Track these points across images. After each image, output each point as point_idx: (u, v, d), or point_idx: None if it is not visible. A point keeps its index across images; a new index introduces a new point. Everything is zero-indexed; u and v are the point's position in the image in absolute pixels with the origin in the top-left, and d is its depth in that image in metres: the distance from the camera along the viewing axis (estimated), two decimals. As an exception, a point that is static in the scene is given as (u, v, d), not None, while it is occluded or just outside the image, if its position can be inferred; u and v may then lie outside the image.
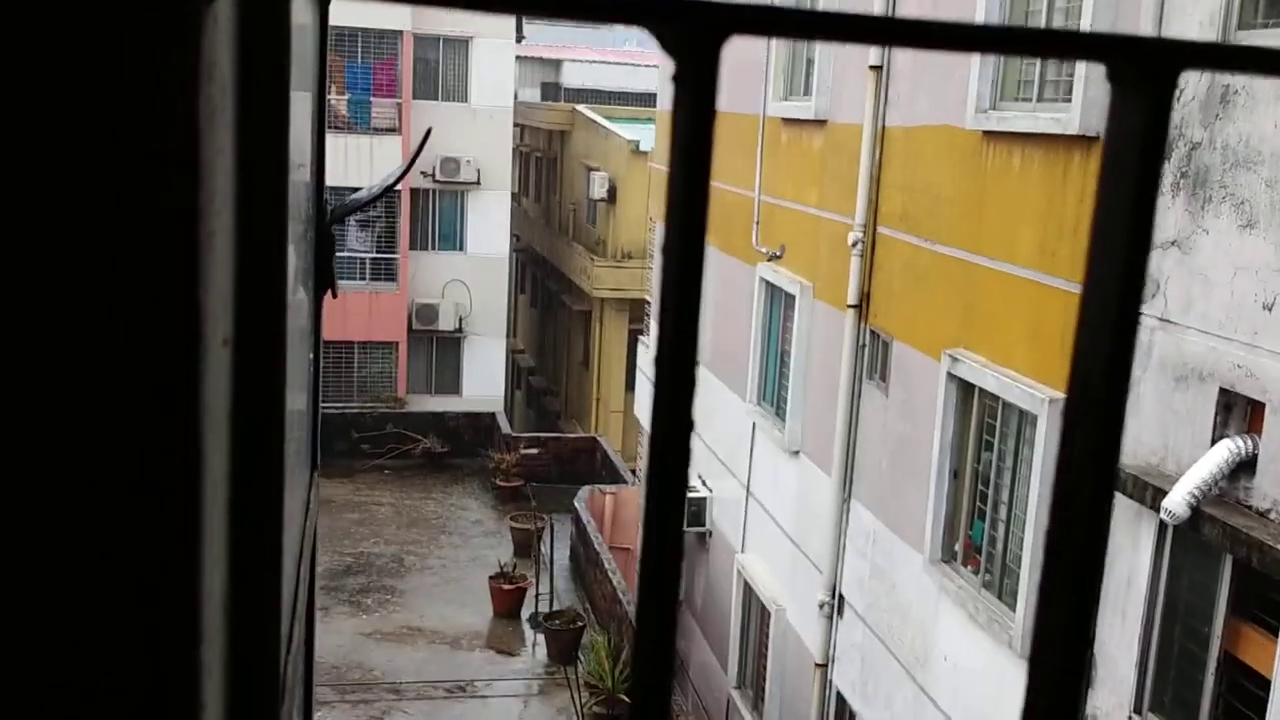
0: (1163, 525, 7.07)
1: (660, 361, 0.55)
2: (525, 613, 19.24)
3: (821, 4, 12.47)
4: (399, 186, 26.85)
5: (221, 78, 0.63)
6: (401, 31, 27.02)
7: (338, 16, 28.60)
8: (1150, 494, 7.04)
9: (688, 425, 0.56)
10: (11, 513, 0.55)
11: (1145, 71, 0.61)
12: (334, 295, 2.05)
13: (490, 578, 19.43)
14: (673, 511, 0.54)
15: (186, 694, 0.62)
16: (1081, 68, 8.01)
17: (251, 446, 0.77)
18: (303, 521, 1.57)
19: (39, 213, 0.53)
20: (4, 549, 0.55)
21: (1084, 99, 7.97)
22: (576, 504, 21.00)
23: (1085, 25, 7.97)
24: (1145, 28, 7.39)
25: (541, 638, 18.35)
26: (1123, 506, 7.52)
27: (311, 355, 1.96)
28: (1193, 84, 7.01)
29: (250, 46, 0.72)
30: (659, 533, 0.52)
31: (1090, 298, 0.68)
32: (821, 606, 12.07)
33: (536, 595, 19.10)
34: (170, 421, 0.57)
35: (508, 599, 19.16)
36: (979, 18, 9.26)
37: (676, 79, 0.57)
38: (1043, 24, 8.80)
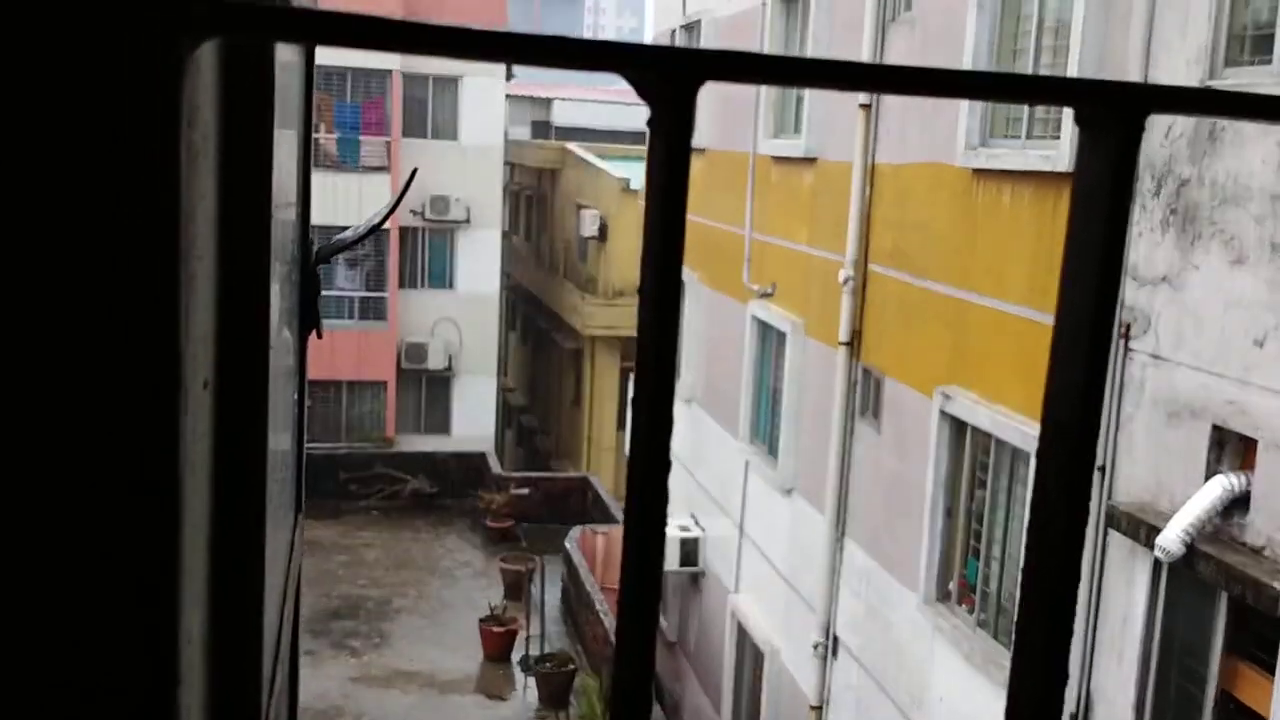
0: (1158, 563, 7.06)
1: (638, 399, 0.56)
2: (516, 656, 19.09)
3: (811, 47, 12.57)
4: (387, 225, 26.91)
5: (204, 123, 0.63)
6: (391, 70, 27.14)
7: (326, 56, 28.76)
8: (1144, 531, 7.03)
9: (665, 464, 0.56)
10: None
11: (1113, 115, 0.62)
12: (319, 336, 2.04)
13: (480, 620, 19.29)
14: (652, 550, 0.54)
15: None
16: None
17: (233, 489, 0.76)
18: (286, 564, 1.56)
19: (18, 253, 0.53)
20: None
21: (1073, 136, 8.02)
22: (567, 544, 20.91)
23: (1073, 62, 8.04)
24: (1133, 65, 7.46)
25: (532, 681, 18.19)
26: (1117, 544, 7.51)
27: (296, 396, 1.96)
28: (1180, 120, 7.07)
29: (234, 92, 0.72)
30: (638, 577, 0.52)
31: (1062, 332, 0.68)
32: (816, 647, 12.00)
33: (527, 638, 18.96)
34: (148, 464, 0.57)
35: (498, 642, 19.02)
36: (967, 56, 9.34)
37: (651, 124, 0.58)
38: (1030, 61, 8.87)
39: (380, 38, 0.51)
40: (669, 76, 0.59)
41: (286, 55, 1.48)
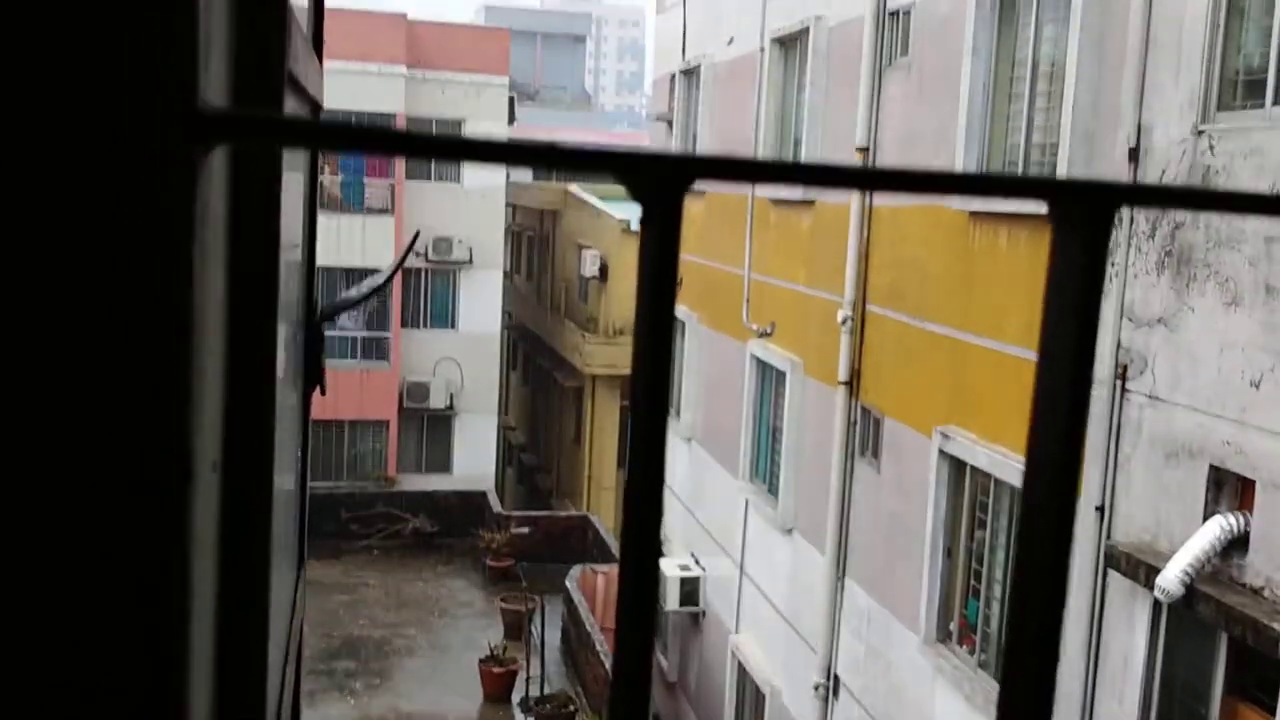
0: (1157, 603, 7.05)
1: (629, 498, 0.58)
2: (516, 696, 18.98)
3: (809, 92, 12.67)
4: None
5: (215, 220, 0.66)
6: (395, 114, 27.34)
7: (331, 99, 28.96)
8: (1144, 572, 7.03)
9: (656, 555, 0.58)
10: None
11: (1083, 210, 0.65)
12: (323, 393, 2.07)
13: (480, 660, 19.21)
14: (647, 593, 0.56)
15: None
16: (1065, 149, 8.13)
17: (238, 568, 0.79)
18: (288, 622, 1.58)
19: (37, 346, 0.56)
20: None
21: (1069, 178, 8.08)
22: (568, 584, 20.84)
23: (1067, 105, 8.11)
24: (1126, 108, 7.52)
25: (533, 721, 18.10)
26: (1116, 584, 7.50)
27: (299, 453, 1.99)
28: (1174, 164, 7.13)
29: (243, 180, 0.75)
30: (633, 616, 0.54)
31: (1039, 416, 0.70)
32: (816, 688, 11.95)
33: (527, 678, 18.86)
34: (158, 547, 0.59)
35: (498, 682, 18.92)
36: (963, 99, 9.42)
37: (643, 221, 0.61)
38: (1025, 105, 8.94)
39: (384, 145, 0.54)
40: (658, 179, 0.62)
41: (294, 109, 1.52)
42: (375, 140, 0.56)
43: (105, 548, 0.56)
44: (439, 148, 0.57)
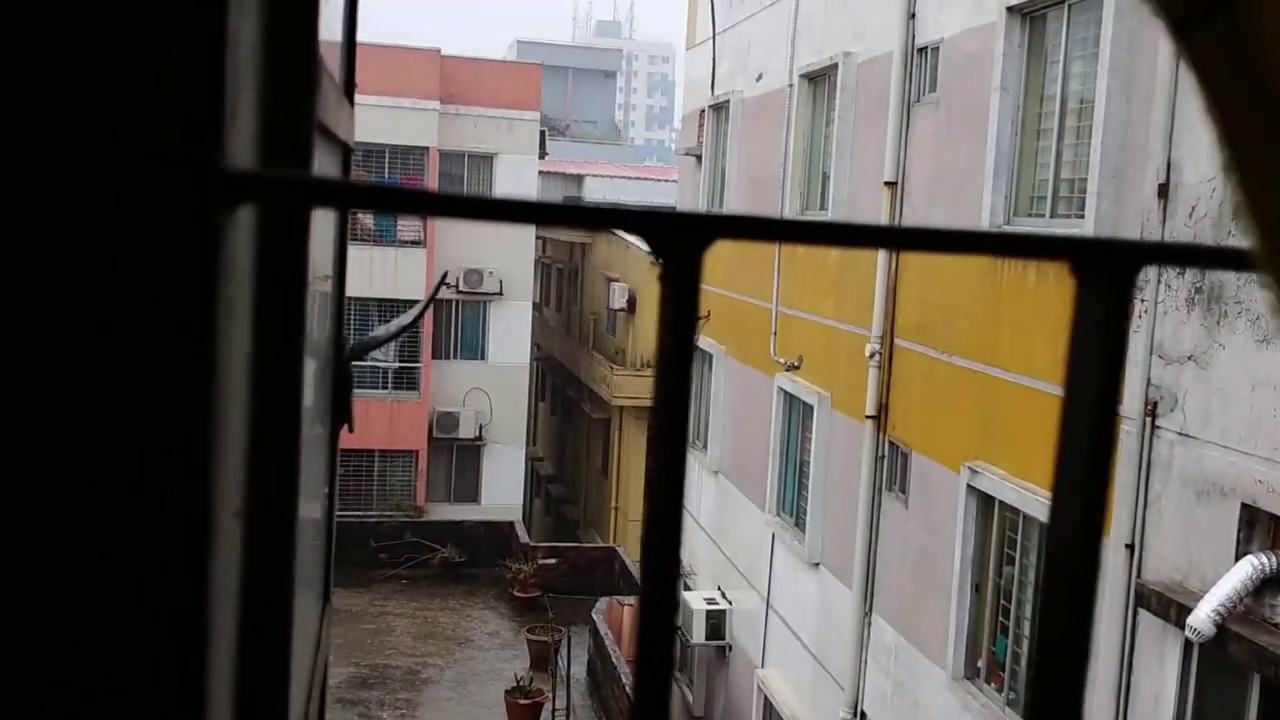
0: (1188, 643, 6.97)
1: (645, 550, 0.58)
2: (542, 728, 18.93)
3: (837, 127, 12.69)
4: (422, 297, 27.14)
5: (240, 275, 0.67)
6: (428, 148, 27.56)
7: (365, 133, 29.05)
8: (1175, 611, 6.95)
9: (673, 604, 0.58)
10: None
11: (1105, 269, 0.65)
12: (350, 430, 2.09)
13: (506, 692, 19.16)
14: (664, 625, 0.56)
15: None
16: (1094, 185, 8.11)
17: (259, 613, 0.80)
18: (312, 658, 1.59)
19: (60, 402, 0.57)
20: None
21: (1097, 213, 8.06)
22: (594, 615, 20.78)
23: (1095, 142, 8.09)
24: (1155, 145, 7.50)
25: (559, 754, 18.03)
26: (1147, 623, 7.42)
27: (327, 489, 2.00)
28: (1204, 200, 7.09)
29: (273, 247, 0.76)
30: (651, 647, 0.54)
31: (1061, 474, 0.70)
32: (843, 724, 11.85)
33: (554, 710, 18.80)
34: (177, 595, 0.60)
35: (524, 714, 18.86)
36: (990, 136, 9.41)
37: (663, 279, 0.61)
38: (1054, 140, 8.92)
39: (407, 205, 0.55)
40: (680, 238, 0.62)
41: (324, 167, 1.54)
42: (398, 201, 0.57)
43: (125, 599, 0.57)
44: (462, 206, 0.58)
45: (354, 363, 2.38)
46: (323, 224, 1.65)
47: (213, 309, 0.55)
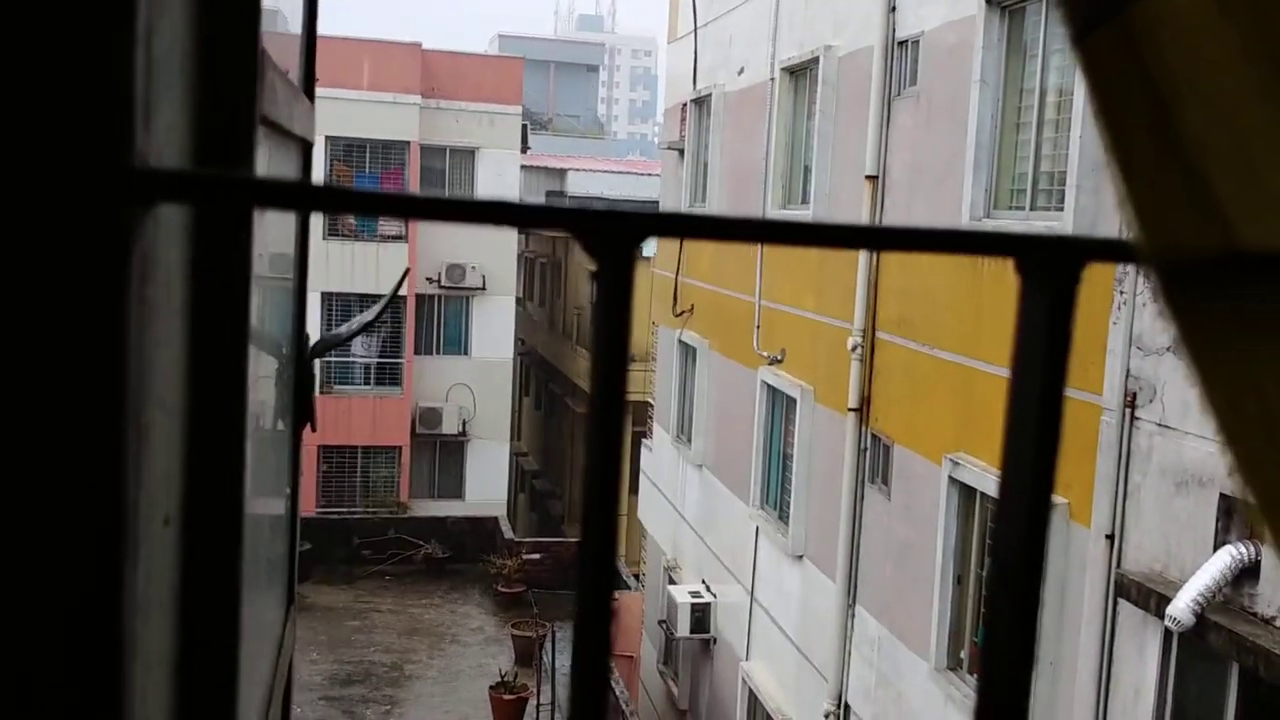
0: (1168, 633, 6.99)
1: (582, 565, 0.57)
2: (527, 723, 18.92)
3: (818, 120, 12.69)
4: (404, 291, 27.08)
5: (167, 274, 0.65)
6: (409, 142, 27.48)
7: (345, 128, 28.89)
8: (1154, 601, 6.97)
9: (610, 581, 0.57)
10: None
11: (1050, 265, 0.64)
12: (313, 429, 2.07)
13: (491, 687, 19.15)
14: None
15: None
16: (1073, 178, 8.12)
17: (203, 619, 0.78)
18: (273, 664, 1.56)
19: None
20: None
21: (1076, 207, 8.08)
22: (579, 610, 20.76)
23: (1074, 135, 8.10)
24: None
25: (544, 748, 18.03)
26: (1127, 614, 7.45)
27: (289, 490, 1.98)
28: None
29: (207, 246, 0.74)
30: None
31: (1007, 472, 0.69)
32: (827, 716, 11.87)
33: (538, 705, 18.80)
34: (91, 623, 0.58)
35: (509, 709, 18.86)
36: (971, 130, 9.42)
37: (596, 277, 0.60)
38: (1033, 134, 8.94)
39: (328, 204, 0.53)
40: (611, 236, 0.61)
41: (280, 171, 1.52)
42: (318, 198, 0.56)
43: (28, 609, 0.55)
44: (389, 205, 0.57)
45: (331, 357, 2.36)
46: (279, 222, 1.62)
47: (120, 308, 0.53)
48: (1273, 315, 0.50)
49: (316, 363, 2.15)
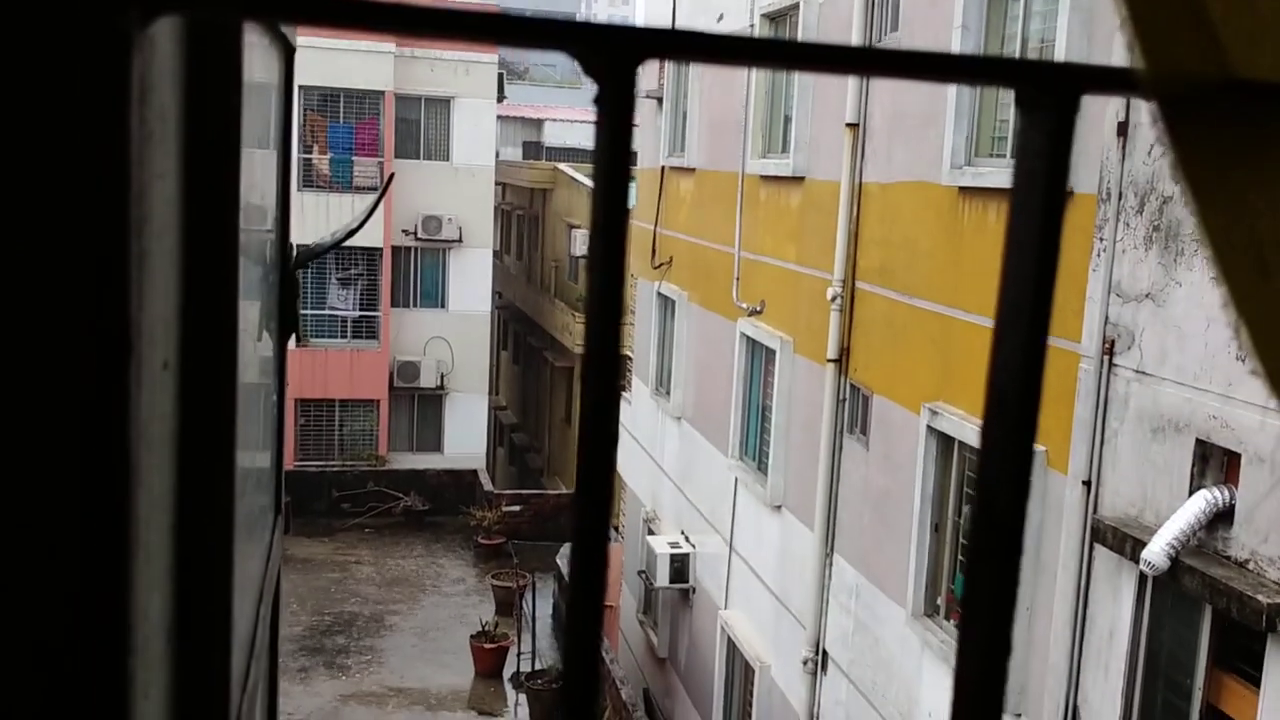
0: (1143, 577, 7.07)
1: (586, 376, 0.57)
2: (508, 672, 19.06)
3: (803, 32, 12.61)
4: (380, 244, 26.93)
5: (160, 102, 0.65)
6: (384, 92, 27.23)
7: (319, 77, 28.58)
8: (1130, 545, 7.05)
9: (608, 480, 0.57)
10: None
11: (1049, 94, 0.64)
12: (299, 341, 2.06)
13: (472, 637, 19.26)
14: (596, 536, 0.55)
15: (116, 710, 0.62)
16: (1053, 123, 8.11)
17: (199, 467, 0.78)
18: (263, 563, 1.57)
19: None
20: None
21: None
22: (559, 561, 20.90)
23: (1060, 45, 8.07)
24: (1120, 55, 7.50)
25: (524, 697, 18.16)
26: (1103, 558, 7.53)
27: (276, 396, 1.97)
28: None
29: (199, 75, 0.73)
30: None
31: (1004, 314, 0.69)
32: (805, 663, 11.99)
33: (519, 654, 18.93)
34: (98, 439, 0.58)
35: (489, 658, 18.98)
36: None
37: (597, 100, 0.59)
38: (1019, 35, 8.90)
39: (321, 13, 0.52)
40: (612, 54, 0.60)
41: (263, 74, 1.50)
42: (317, 8, 0.55)
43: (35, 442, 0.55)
44: (391, 18, 0.56)
45: (308, 310, 2.35)
46: (262, 158, 1.60)
47: (125, 121, 0.52)
48: (1270, 143, 0.51)
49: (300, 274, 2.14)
